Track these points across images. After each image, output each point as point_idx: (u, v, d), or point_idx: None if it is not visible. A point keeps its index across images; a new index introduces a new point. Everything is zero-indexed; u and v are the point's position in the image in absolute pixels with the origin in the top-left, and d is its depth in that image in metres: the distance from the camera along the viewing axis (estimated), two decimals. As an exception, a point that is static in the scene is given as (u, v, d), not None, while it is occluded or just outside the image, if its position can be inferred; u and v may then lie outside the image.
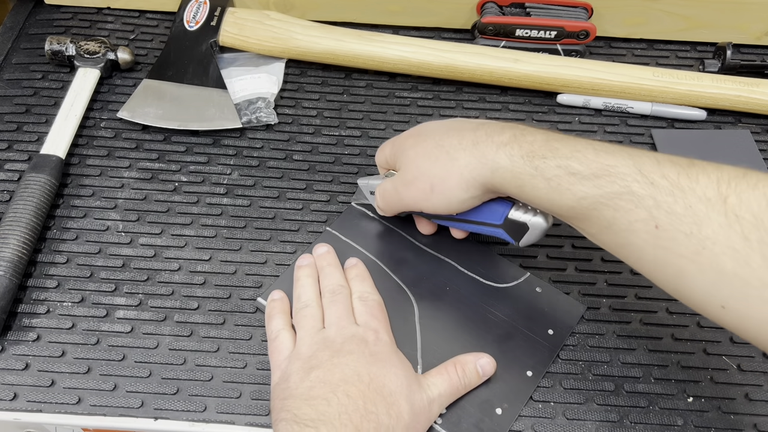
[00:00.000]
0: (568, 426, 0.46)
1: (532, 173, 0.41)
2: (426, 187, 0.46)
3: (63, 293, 0.51)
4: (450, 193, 0.45)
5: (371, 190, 0.53)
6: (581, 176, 0.39)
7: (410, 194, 0.47)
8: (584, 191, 0.39)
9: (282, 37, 0.64)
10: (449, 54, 0.63)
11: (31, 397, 0.47)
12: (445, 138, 0.46)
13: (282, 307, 0.49)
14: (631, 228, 0.37)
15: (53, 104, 0.63)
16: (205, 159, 0.60)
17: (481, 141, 0.43)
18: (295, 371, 0.43)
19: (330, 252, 0.53)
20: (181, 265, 0.53)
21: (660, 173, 0.37)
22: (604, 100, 0.64)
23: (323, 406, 0.40)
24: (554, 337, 0.49)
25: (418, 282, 0.52)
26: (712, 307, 0.36)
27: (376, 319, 0.47)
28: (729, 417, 0.47)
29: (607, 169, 0.38)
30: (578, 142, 0.41)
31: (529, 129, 0.43)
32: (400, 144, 0.49)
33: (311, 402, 0.41)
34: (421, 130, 0.49)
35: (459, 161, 0.44)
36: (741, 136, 0.63)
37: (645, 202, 0.37)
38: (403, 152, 0.48)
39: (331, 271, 0.51)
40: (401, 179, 0.48)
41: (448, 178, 0.44)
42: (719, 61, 0.67)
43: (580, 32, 0.64)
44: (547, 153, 0.41)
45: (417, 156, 0.46)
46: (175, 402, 0.47)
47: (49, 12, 0.70)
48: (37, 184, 0.54)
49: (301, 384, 0.42)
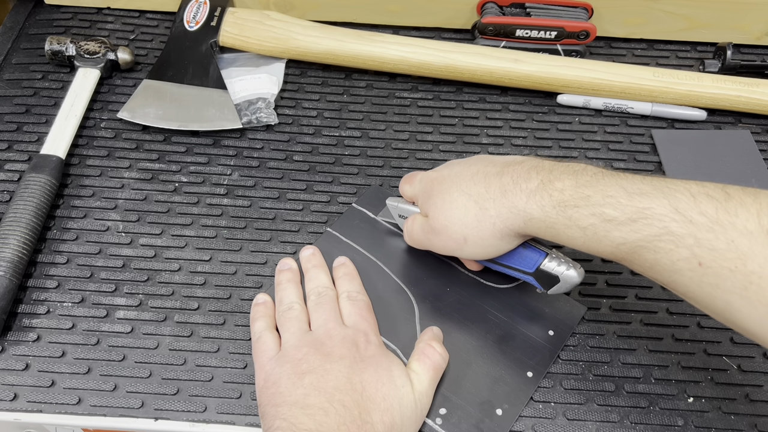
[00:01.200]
0: (569, 426, 0.46)
1: (566, 223, 0.40)
2: (458, 237, 0.45)
3: (63, 293, 0.51)
4: (485, 242, 0.44)
5: (400, 213, 0.52)
6: (617, 222, 0.38)
7: (441, 243, 0.47)
8: (622, 237, 0.38)
9: (282, 37, 0.64)
10: (449, 54, 0.63)
11: (32, 398, 0.47)
12: (471, 186, 0.44)
13: (265, 311, 0.49)
14: (675, 267, 0.37)
15: (53, 104, 0.63)
16: (205, 159, 0.60)
17: (509, 189, 0.42)
18: (286, 375, 0.43)
19: (315, 254, 0.52)
20: (182, 265, 0.53)
21: (697, 210, 0.36)
22: (604, 101, 0.64)
23: (321, 416, 0.40)
24: (555, 337, 0.49)
25: (419, 283, 0.52)
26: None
27: (365, 321, 0.47)
28: (729, 417, 0.47)
29: (642, 212, 0.37)
30: (608, 185, 0.39)
31: (556, 170, 0.42)
32: (426, 187, 0.48)
33: (308, 411, 0.40)
34: (446, 175, 0.47)
35: (489, 211, 0.43)
36: (741, 136, 0.63)
37: (685, 241, 0.36)
38: (430, 198, 0.47)
39: (316, 273, 0.51)
40: (430, 227, 0.47)
41: (481, 229, 0.44)
42: (719, 62, 0.67)
43: (581, 32, 0.64)
44: (579, 201, 0.40)
45: (444, 204, 0.45)
46: (176, 402, 0.47)
47: (49, 12, 0.70)
48: (37, 185, 0.54)
49: (295, 390, 0.41)
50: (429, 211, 0.47)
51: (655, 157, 0.61)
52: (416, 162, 0.60)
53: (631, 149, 0.62)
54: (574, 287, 0.46)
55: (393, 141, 0.62)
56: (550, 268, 0.46)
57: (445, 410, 0.46)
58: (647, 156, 0.62)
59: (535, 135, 0.63)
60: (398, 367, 0.44)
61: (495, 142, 0.62)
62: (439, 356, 0.46)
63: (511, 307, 0.51)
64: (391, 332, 0.49)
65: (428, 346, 0.46)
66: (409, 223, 0.50)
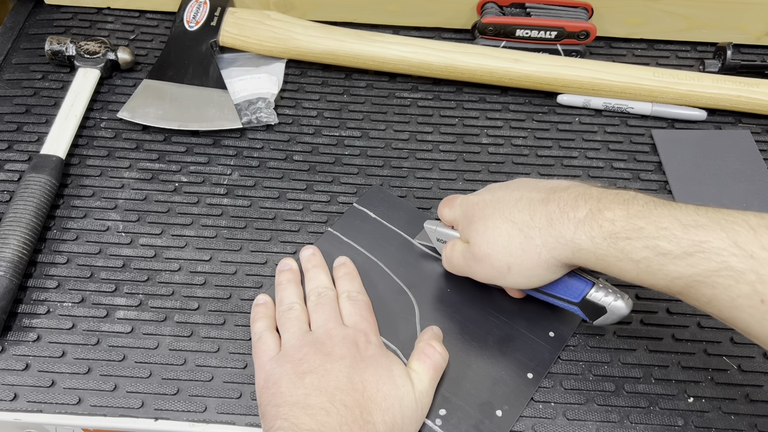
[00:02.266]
0: (569, 426, 0.46)
1: (617, 256, 0.39)
2: (502, 266, 0.43)
3: (63, 293, 0.51)
4: (529, 272, 0.43)
5: (438, 237, 0.51)
6: (672, 256, 0.37)
7: (484, 271, 0.45)
8: (677, 271, 0.37)
9: (282, 37, 0.64)
10: (449, 54, 0.63)
11: (32, 398, 0.47)
12: (515, 212, 0.43)
13: (266, 311, 0.49)
14: (735, 304, 0.35)
15: (53, 104, 0.63)
16: (205, 159, 0.60)
17: (556, 218, 0.41)
18: (286, 375, 0.43)
19: (316, 254, 0.52)
20: (182, 265, 0.53)
21: (758, 244, 0.34)
22: (604, 101, 0.64)
23: (323, 416, 0.40)
24: (555, 339, 0.49)
25: (419, 283, 0.52)
26: None
27: (365, 321, 0.47)
28: (729, 417, 0.47)
29: (699, 246, 0.36)
30: (662, 216, 0.38)
31: (605, 199, 0.40)
32: (467, 212, 0.47)
33: (309, 411, 0.40)
34: (488, 200, 0.45)
35: (534, 240, 0.42)
36: (741, 137, 0.63)
37: (746, 277, 0.34)
38: (471, 223, 0.45)
39: (316, 273, 0.50)
40: (472, 254, 0.45)
41: (526, 259, 0.42)
42: (719, 61, 0.67)
43: (581, 32, 0.64)
44: (631, 233, 0.38)
45: (487, 231, 0.44)
46: (176, 402, 0.47)
47: (49, 12, 0.70)
48: (37, 185, 0.54)
49: (295, 390, 0.41)
50: (470, 238, 0.45)
51: (655, 157, 0.61)
52: (416, 162, 0.60)
53: (631, 149, 0.62)
54: (622, 319, 0.44)
55: (393, 141, 0.62)
56: (597, 298, 0.44)
57: (444, 411, 0.46)
58: (647, 156, 0.62)
59: (535, 135, 0.63)
60: (398, 366, 0.44)
61: (495, 142, 0.62)
62: (440, 356, 0.46)
63: (512, 308, 0.51)
64: (391, 332, 0.49)
65: (428, 346, 0.46)
66: (449, 248, 0.49)
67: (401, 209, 0.57)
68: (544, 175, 0.60)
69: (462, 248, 0.47)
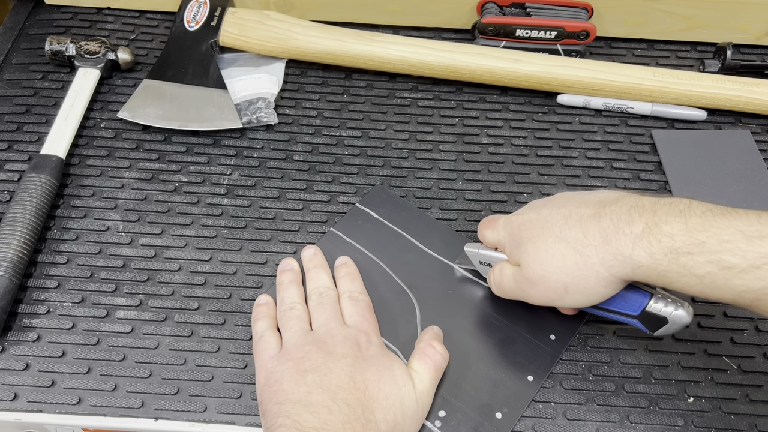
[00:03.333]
0: (569, 426, 0.46)
1: (679, 271, 0.37)
2: (559, 287, 0.42)
3: (63, 293, 0.51)
4: (588, 291, 0.42)
5: (482, 260, 0.50)
6: (738, 270, 0.36)
7: (539, 294, 0.44)
8: (744, 285, 0.36)
9: (282, 37, 0.64)
10: (449, 54, 0.63)
11: (32, 398, 0.47)
12: (566, 230, 0.42)
13: (267, 311, 0.49)
14: None
15: (53, 104, 0.63)
16: (205, 159, 0.60)
17: (611, 234, 0.40)
18: (288, 373, 0.42)
19: (317, 254, 0.52)
20: (182, 265, 0.53)
21: None
22: (604, 101, 0.64)
23: (325, 414, 0.40)
24: (556, 342, 0.49)
25: (421, 284, 0.52)
26: None
27: (366, 321, 0.47)
28: (729, 417, 0.47)
29: (765, 258, 0.35)
30: (723, 228, 0.37)
31: (660, 211, 0.39)
32: (513, 233, 0.45)
33: (311, 409, 0.40)
34: (535, 220, 0.44)
35: (591, 259, 0.40)
36: (741, 136, 0.63)
37: None
38: (520, 246, 0.44)
39: (317, 273, 0.50)
40: (525, 277, 0.44)
41: (584, 278, 0.41)
42: (719, 61, 0.67)
43: (581, 32, 0.64)
44: (692, 248, 0.37)
45: (538, 252, 0.43)
46: (176, 402, 0.47)
47: (49, 12, 0.70)
48: (37, 185, 0.54)
49: (297, 388, 0.41)
50: (521, 260, 0.44)
51: (655, 157, 0.61)
52: (416, 162, 0.60)
53: (631, 149, 0.62)
54: (683, 328, 0.43)
55: (393, 141, 0.62)
56: (657, 309, 0.43)
57: (444, 413, 0.46)
58: (647, 156, 0.62)
59: (535, 135, 0.63)
60: (400, 366, 0.44)
61: (495, 142, 0.62)
62: (440, 356, 0.46)
63: (513, 310, 0.51)
64: (391, 333, 0.49)
65: (429, 346, 0.46)
66: (497, 272, 0.47)
67: (404, 209, 0.57)
68: (544, 175, 0.60)
69: (512, 272, 0.45)
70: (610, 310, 0.44)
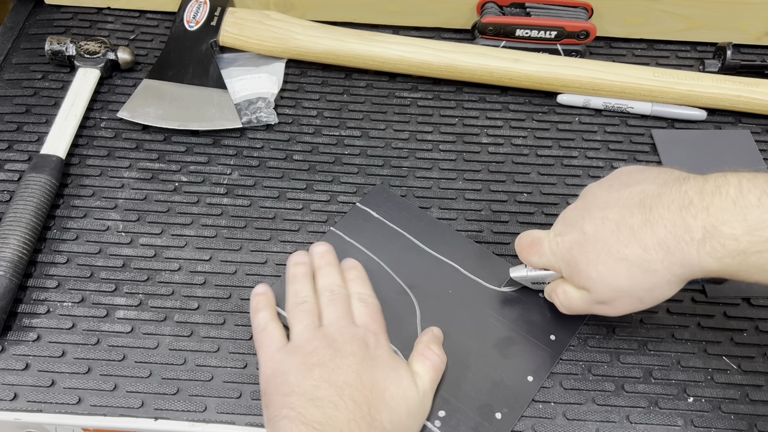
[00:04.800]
0: (569, 426, 0.46)
1: (751, 271, 0.38)
2: (634, 301, 0.42)
3: (63, 293, 0.51)
4: (662, 296, 0.42)
5: (534, 281, 0.49)
6: None
7: (615, 310, 0.44)
8: None
9: (282, 37, 0.64)
10: (449, 54, 0.63)
11: (32, 397, 0.47)
12: (621, 248, 0.41)
13: (267, 301, 0.49)
14: None
15: (53, 104, 0.63)
16: (205, 159, 0.60)
17: (672, 245, 0.39)
18: (295, 366, 0.43)
19: (329, 251, 0.52)
20: (182, 265, 0.53)
21: None
22: (604, 100, 0.64)
23: (331, 409, 0.40)
24: (556, 342, 0.49)
25: (420, 284, 0.52)
26: None
27: (375, 322, 0.47)
28: (729, 417, 0.47)
29: None
30: None
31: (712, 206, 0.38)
32: (565, 258, 0.44)
33: (317, 403, 0.40)
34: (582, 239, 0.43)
35: (659, 272, 0.40)
36: (741, 136, 0.63)
37: None
38: (580, 273, 0.43)
39: (329, 271, 0.50)
40: (597, 300, 0.43)
41: (656, 289, 0.41)
42: (719, 61, 0.67)
43: (581, 32, 0.64)
44: (760, 247, 0.36)
45: (603, 277, 0.42)
46: (176, 402, 0.47)
47: (49, 12, 0.70)
48: (37, 184, 0.54)
49: (304, 381, 0.42)
50: (588, 286, 0.43)
51: (655, 157, 0.61)
52: (416, 161, 0.60)
53: (631, 149, 0.62)
54: None
55: (393, 140, 0.62)
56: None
57: (444, 413, 0.46)
58: (647, 156, 0.62)
59: (535, 135, 0.63)
60: (405, 368, 0.45)
61: (495, 142, 0.62)
62: (438, 357, 0.46)
63: (513, 310, 0.51)
64: (392, 332, 0.49)
65: (427, 348, 0.46)
66: (561, 296, 0.46)
67: (404, 209, 0.57)
68: (544, 175, 0.60)
69: (581, 295, 0.45)
70: None
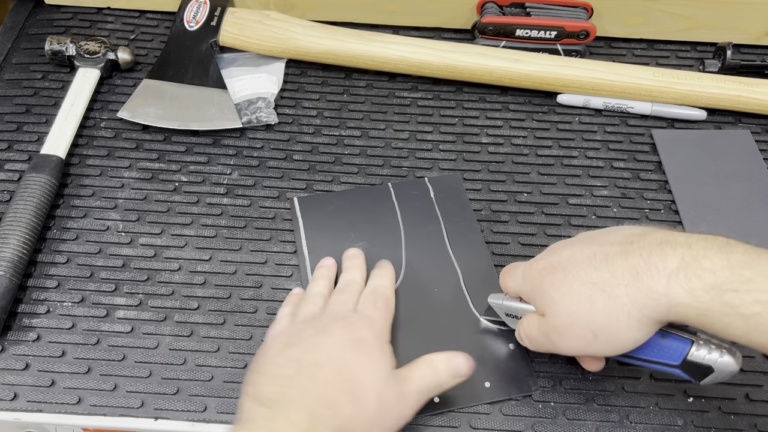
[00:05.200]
0: (569, 426, 0.46)
1: (723, 311, 0.34)
2: (587, 334, 0.39)
3: (63, 293, 0.51)
4: (619, 337, 0.38)
5: (507, 312, 0.46)
6: None
7: (567, 344, 0.41)
8: None
9: (282, 37, 0.64)
10: (449, 54, 0.63)
11: (32, 397, 0.47)
12: (591, 271, 0.39)
13: (297, 302, 0.49)
14: None
15: (53, 104, 0.63)
16: (205, 159, 0.60)
17: (642, 271, 0.37)
18: (276, 347, 0.43)
19: (358, 255, 0.52)
20: (181, 265, 0.53)
21: None
22: (604, 100, 0.64)
23: (286, 387, 0.40)
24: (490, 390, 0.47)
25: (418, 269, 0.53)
26: None
27: (376, 309, 0.46)
28: (729, 417, 0.47)
29: None
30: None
31: (696, 245, 0.36)
32: (535, 280, 0.42)
33: (277, 381, 0.40)
34: (556, 263, 0.41)
35: (620, 299, 0.37)
36: (741, 136, 0.63)
37: None
38: (543, 293, 0.41)
39: (352, 270, 0.50)
40: (551, 326, 0.41)
41: (614, 322, 0.38)
42: (719, 61, 0.67)
43: (580, 32, 0.64)
44: (738, 285, 0.34)
45: (563, 298, 0.39)
46: (176, 402, 0.47)
47: (49, 12, 0.70)
48: (37, 184, 0.54)
49: (275, 360, 0.42)
50: (546, 309, 0.41)
51: (655, 157, 0.61)
52: (416, 161, 0.60)
53: (631, 149, 0.62)
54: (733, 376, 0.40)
55: (393, 140, 0.62)
56: (700, 357, 0.39)
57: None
58: (647, 156, 0.62)
59: (535, 134, 0.63)
60: (388, 361, 0.43)
61: (495, 142, 0.62)
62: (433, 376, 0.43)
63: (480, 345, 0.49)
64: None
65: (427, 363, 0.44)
66: (525, 325, 0.44)
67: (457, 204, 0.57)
68: (544, 175, 0.60)
69: (539, 322, 0.42)
70: (647, 360, 0.41)
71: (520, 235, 0.56)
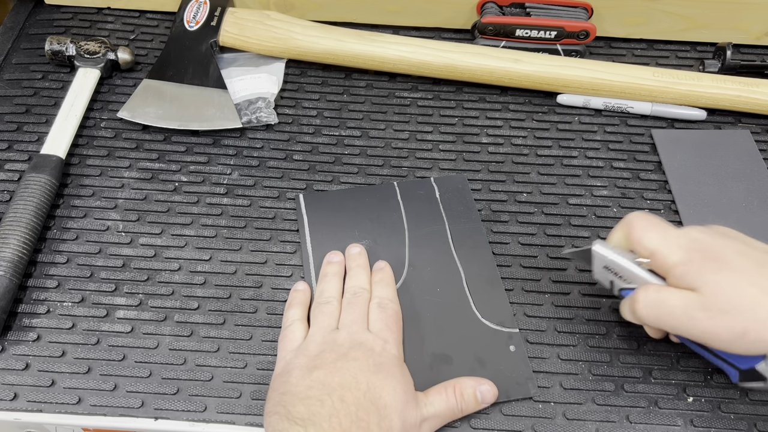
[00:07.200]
0: (568, 426, 0.46)
1: None
2: (737, 328, 0.39)
3: (63, 293, 0.51)
4: (759, 343, 0.39)
5: (605, 265, 0.45)
6: None
7: (711, 328, 0.40)
8: None
9: (282, 37, 0.64)
10: (449, 54, 0.63)
11: (32, 397, 0.47)
12: (760, 279, 0.40)
13: (302, 299, 0.50)
14: None
15: (53, 104, 0.63)
16: (205, 159, 0.60)
17: None
18: (299, 367, 0.44)
19: (362, 254, 0.53)
20: (182, 265, 0.53)
21: None
22: (604, 100, 0.64)
23: (316, 406, 0.41)
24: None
25: (421, 268, 0.53)
26: None
27: (389, 330, 0.47)
28: (729, 417, 0.47)
29: None
30: None
31: None
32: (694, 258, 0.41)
33: (306, 401, 0.41)
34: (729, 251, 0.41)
35: None
36: (741, 136, 0.63)
37: None
38: (701, 270, 0.40)
39: (358, 272, 0.51)
40: (702, 304, 0.40)
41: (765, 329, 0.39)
42: (719, 61, 0.67)
43: (580, 32, 0.64)
44: None
45: (729, 288, 0.40)
46: (176, 402, 0.47)
47: (49, 12, 0.70)
48: (37, 184, 0.54)
49: (302, 382, 0.42)
50: (704, 285, 0.40)
51: (655, 157, 0.61)
52: (416, 161, 0.60)
53: (631, 149, 0.62)
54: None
55: (393, 140, 0.62)
56: (764, 370, 0.41)
57: None
58: (647, 156, 0.62)
59: (535, 134, 0.63)
60: (409, 382, 0.45)
61: (495, 142, 0.62)
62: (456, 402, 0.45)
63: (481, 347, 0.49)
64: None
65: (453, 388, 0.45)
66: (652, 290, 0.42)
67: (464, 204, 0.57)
68: (544, 175, 0.60)
69: (684, 295, 0.41)
70: (717, 356, 0.43)
71: (520, 235, 0.56)
